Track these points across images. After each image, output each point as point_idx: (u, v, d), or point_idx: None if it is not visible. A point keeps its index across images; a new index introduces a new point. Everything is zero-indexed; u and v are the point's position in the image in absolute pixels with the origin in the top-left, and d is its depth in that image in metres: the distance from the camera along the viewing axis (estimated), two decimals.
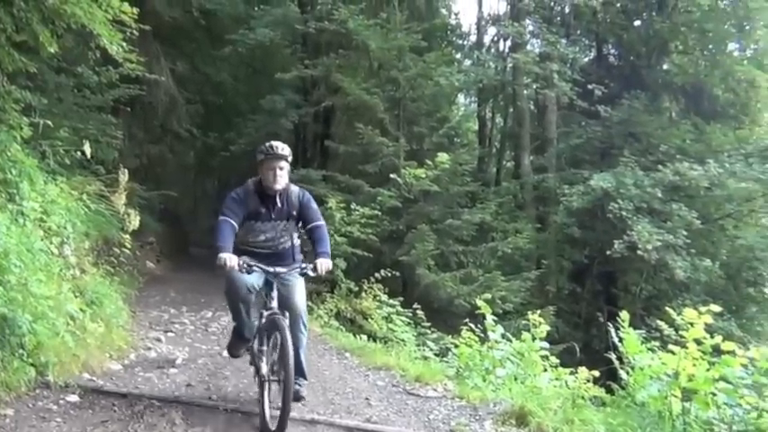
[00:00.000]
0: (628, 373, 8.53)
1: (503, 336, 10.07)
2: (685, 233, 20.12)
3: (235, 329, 7.46)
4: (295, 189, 7.10)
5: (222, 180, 39.82)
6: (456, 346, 11.13)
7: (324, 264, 6.63)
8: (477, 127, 33.09)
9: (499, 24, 28.63)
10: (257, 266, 6.55)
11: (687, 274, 19.73)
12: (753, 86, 24.95)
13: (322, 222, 7.08)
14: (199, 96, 26.18)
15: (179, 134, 24.05)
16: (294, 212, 7.00)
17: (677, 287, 21.01)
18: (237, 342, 7.51)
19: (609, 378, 9.71)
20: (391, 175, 18.91)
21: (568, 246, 23.85)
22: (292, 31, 24.15)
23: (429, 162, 18.86)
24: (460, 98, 34.90)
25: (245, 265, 6.37)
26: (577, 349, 14.55)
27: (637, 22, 27.67)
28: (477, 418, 7.40)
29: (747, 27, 25.41)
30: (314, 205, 7.15)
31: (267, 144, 6.89)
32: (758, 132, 24.82)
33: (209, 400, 7.37)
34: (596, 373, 9.42)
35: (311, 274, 6.70)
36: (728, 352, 7.04)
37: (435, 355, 12.64)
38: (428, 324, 15.04)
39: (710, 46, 26.18)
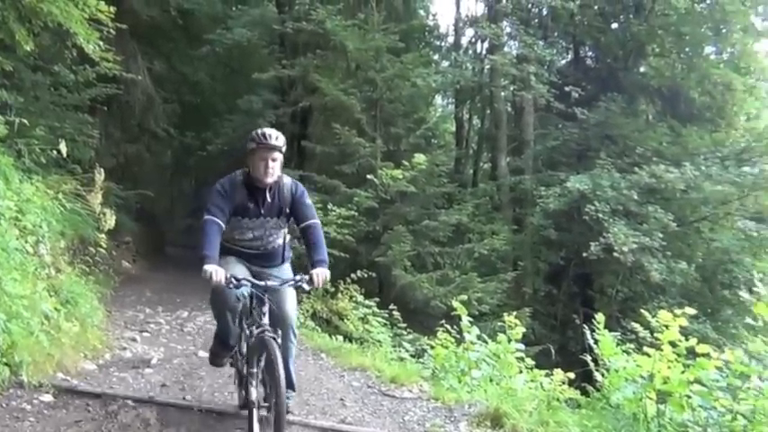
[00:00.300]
0: (603, 375, 8.56)
1: (478, 337, 10.07)
2: (661, 235, 20.20)
3: (218, 336, 6.70)
4: (287, 181, 6.39)
5: (199, 180, 39.80)
6: (432, 348, 11.17)
7: (321, 275, 5.90)
8: (454, 128, 33.06)
9: (477, 26, 28.64)
10: (247, 280, 5.82)
11: (663, 276, 19.84)
12: (729, 89, 25.13)
13: (317, 221, 6.33)
14: (176, 96, 26.11)
15: (156, 133, 23.95)
16: (286, 208, 6.32)
17: (653, 289, 21.10)
18: (221, 350, 6.75)
19: (584, 380, 9.74)
20: (368, 176, 18.88)
21: (545, 247, 23.88)
22: (270, 31, 24.16)
23: (406, 163, 18.85)
24: (438, 99, 34.86)
25: (233, 280, 5.62)
26: (553, 351, 14.60)
27: (614, 25, 27.79)
28: (453, 419, 7.43)
29: (724, 30, 25.56)
30: (308, 200, 6.41)
31: (260, 131, 6.19)
32: (734, 135, 24.92)
33: (184, 400, 7.37)
34: (572, 375, 9.47)
35: (306, 287, 5.97)
36: (703, 354, 7.07)
37: (411, 356, 12.63)
38: (404, 325, 15.00)
39: (687, 49, 26.35)
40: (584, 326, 9.81)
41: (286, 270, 6.60)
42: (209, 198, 6.14)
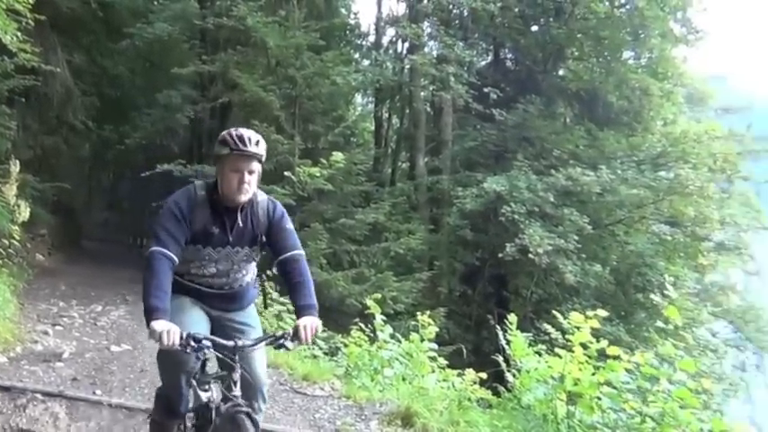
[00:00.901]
0: (514, 375, 8.59)
1: (392, 336, 10.09)
2: (576, 238, 20.44)
3: (164, 401, 5.09)
4: (263, 200, 4.90)
5: (117, 173, 39.90)
6: (346, 346, 11.16)
7: (310, 327, 4.38)
8: (373, 127, 33.13)
9: (398, 25, 28.64)
10: (210, 340, 4.26)
11: (577, 278, 20.08)
12: (646, 94, 25.68)
13: (301, 251, 4.81)
14: (95, 89, 25.83)
15: (74, 126, 23.63)
16: (261, 235, 4.83)
17: (567, 291, 21.32)
18: (167, 418, 5.12)
19: (496, 380, 9.77)
20: (285, 173, 18.76)
21: (461, 248, 23.97)
22: (191, 26, 24.02)
23: (324, 161, 18.78)
24: (358, 98, 34.94)
25: (191, 342, 4.13)
26: (464, 351, 14.67)
27: (534, 28, 28.11)
28: (363, 417, 7.45)
29: (642, 35, 26.08)
30: (289, 225, 4.92)
31: (235, 133, 4.63)
32: (650, 140, 25.40)
33: (94, 394, 7.29)
34: (484, 375, 9.51)
35: (290, 346, 4.41)
36: (614, 357, 7.13)
37: (325, 354, 12.60)
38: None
39: (606, 53, 26.78)
40: (497, 326, 9.85)
41: (251, 314, 5.18)
42: (158, 221, 4.61)
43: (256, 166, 4.64)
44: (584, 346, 7.21)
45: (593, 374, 7.10)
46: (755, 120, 27.71)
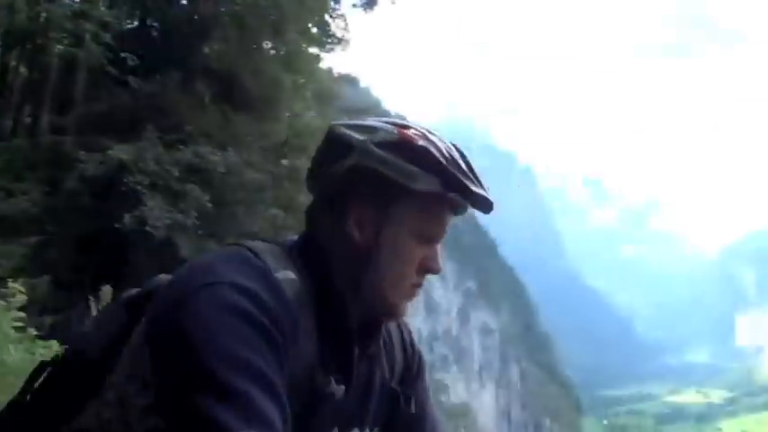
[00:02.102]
0: None
1: None
2: (196, 214, 20.62)
3: None
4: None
5: None
6: None
7: None
8: None
9: None
10: None
11: (191, 253, 20.17)
12: (279, 86, 26.40)
13: None
14: None
15: None
16: (391, 401, 1.93)
17: (180, 264, 21.35)
18: None
19: None
20: None
21: (78, 214, 23.32)
22: None
23: None
24: None
25: None
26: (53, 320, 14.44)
27: (184, 2, 27.97)
28: None
29: (281, 30, 26.81)
30: (427, 377, 2.15)
31: (446, 148, 1.71)
32: (278, 129, 26.34)
33: None
34: None
35: None
36: None
37: None
38: None
39: (248, 40, 27.11)
40: (92, 298, 9.69)
41: None
42: (226, 357, 1.45)
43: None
44: None
45: None
46: None
